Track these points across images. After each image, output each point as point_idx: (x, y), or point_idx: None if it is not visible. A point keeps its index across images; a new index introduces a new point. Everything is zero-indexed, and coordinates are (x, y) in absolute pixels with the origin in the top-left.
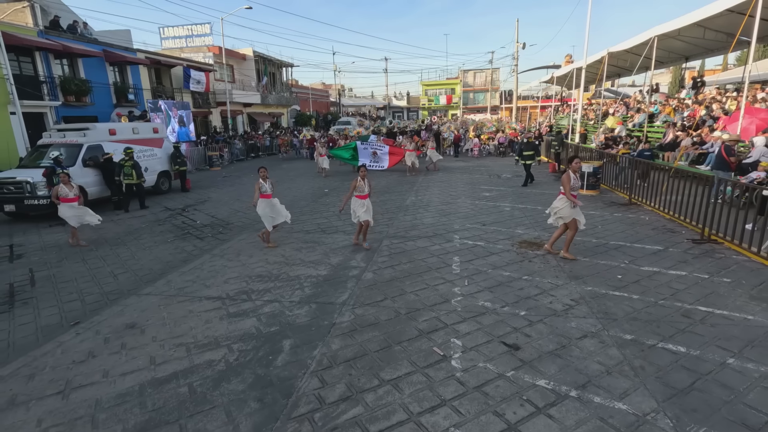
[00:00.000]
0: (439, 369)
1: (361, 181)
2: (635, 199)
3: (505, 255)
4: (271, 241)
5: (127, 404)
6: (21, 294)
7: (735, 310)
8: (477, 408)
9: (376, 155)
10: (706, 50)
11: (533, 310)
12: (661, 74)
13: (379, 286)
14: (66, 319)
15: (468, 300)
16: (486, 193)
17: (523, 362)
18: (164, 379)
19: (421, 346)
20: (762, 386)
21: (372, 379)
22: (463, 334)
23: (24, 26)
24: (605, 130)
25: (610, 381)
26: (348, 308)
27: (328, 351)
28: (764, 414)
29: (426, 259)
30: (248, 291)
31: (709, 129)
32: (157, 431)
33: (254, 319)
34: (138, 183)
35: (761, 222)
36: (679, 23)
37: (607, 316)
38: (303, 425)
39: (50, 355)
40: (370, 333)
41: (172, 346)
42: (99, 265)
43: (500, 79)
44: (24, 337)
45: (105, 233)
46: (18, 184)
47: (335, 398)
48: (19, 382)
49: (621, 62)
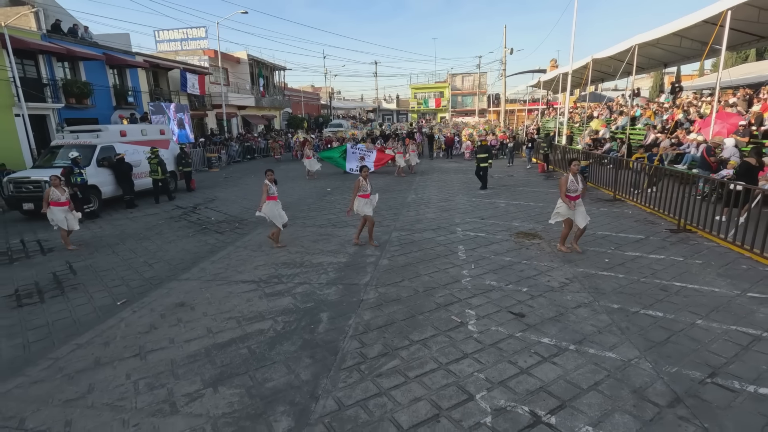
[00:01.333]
0: (459, 332)
1: (363, 181)
2: (619, 195)
3: (505, 244)
4: (281, 241)
5: (198, 362)
6: (66, 281)
7: (704, 284)
8: (494, 359)
9: (364, 160)
10: (683, 57)
11: (533, 287)
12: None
13: (396, 270)
14: (117, 300)
15: (476, 280)
16: (481, 191)
17: (528, 326)
18: (224, 344)
19: (440, 316)
20: (723, 339)
21: (403, 340)
22: (475, 306)
23: (28, 30)
24: (590, 132)
25: (602, 338)
26: (371, 288)
27: (361, 321)
28: (723, 357)
29: (434, 248)
30: (278, 275)
31: (685, 131)
32: (230, 381)
33: (290, 297)
34: (163, 178)
35: (729, 213)
36: (659, 33)
37: (597, 290)
38: (352, 374)
39: (116, 328)
40: (394, 306)
41: (222, 319)
42: (131, 257)
43: (488, 83)
44: (85, 315)
45: (126, 229)
46: (36, 183)
47: (375, 354)
48: (98, 349)
49: (605, 68)
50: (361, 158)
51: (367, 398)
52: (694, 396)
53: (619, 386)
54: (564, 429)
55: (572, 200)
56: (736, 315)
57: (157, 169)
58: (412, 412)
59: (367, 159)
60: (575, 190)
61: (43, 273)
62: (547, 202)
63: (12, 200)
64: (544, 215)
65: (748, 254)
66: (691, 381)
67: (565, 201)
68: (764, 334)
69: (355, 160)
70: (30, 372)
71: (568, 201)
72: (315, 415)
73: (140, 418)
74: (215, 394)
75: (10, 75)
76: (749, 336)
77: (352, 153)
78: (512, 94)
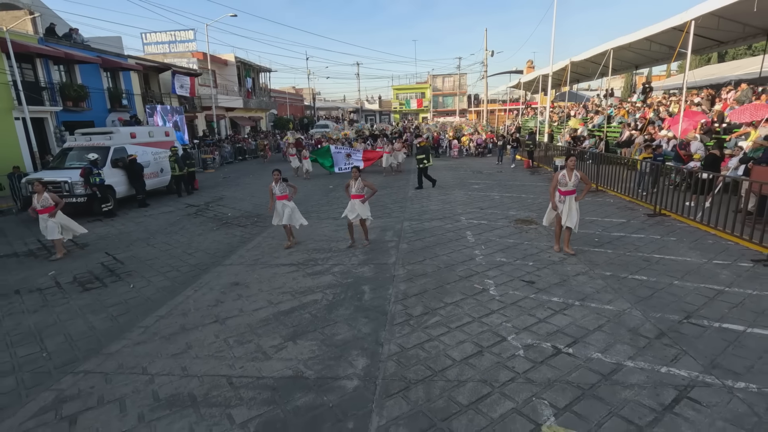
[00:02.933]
0: (483, 295)
1: (352, 181)
2: (601, 187)
3: (506, 229)
4: (290, 240)
5: (271, 325)
6: (117, 270)
7: (678, 255)
8: (516, 313)
9: (350, 157)
10: (652, 60)
11: (538, 262)
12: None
13: (416, 252)
14: (175, 283)
15: (488, 257)
16: (475, 185)
17: (539, 289)
18: (287, 311)
19: (464, 285)
20: (695, 293)
21: (438, 302)
22: (492, 276)
23: (26, 33)
24: (570, 130)
25: (599, 296)
26: (399, 266)
27: (399, 290)
28: (695, 305)
29: (444, 234)
30: (313, 259)
31: (657, 128)
32: (305, 336)
33: (330, 275)
34: (180, 174)
35: (696, 199)
36: (632, 38)
37: (591, 262)
38: (404, 327)
39: (186, 303)
40: (423, 279)
41: (278, 294)
42: (167, 248)
43: (467, 83)
44: (152, 294)
45: (148, 226)
46: (56, 183)
47: (418, 313)
48: (179, 318)
49: (582, 69)
50: (347, 156)
51: (422, 343)
52: (675, 331)
53: (618, 327)
54: (580, 356)
55: (562, 195)
56: (704, 276)
57: (174, 166)
58: (460, 350)
59: (354, 157)
60: (565, 184)
61: (90, 264)
62: (537, 194)
63: (30, 200)
64: (537, 205)
65: (713, 231)
66: (671, 321)
67: (552, 195)
68: (725, 289)
69: (342, 160)
70: (129, 337)
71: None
72: (384, 356)
73: (242, 363)
74: (296, 345)
75: (10, 79)
76: (714, 290)
77: (336, 153)
78: (492, 94)
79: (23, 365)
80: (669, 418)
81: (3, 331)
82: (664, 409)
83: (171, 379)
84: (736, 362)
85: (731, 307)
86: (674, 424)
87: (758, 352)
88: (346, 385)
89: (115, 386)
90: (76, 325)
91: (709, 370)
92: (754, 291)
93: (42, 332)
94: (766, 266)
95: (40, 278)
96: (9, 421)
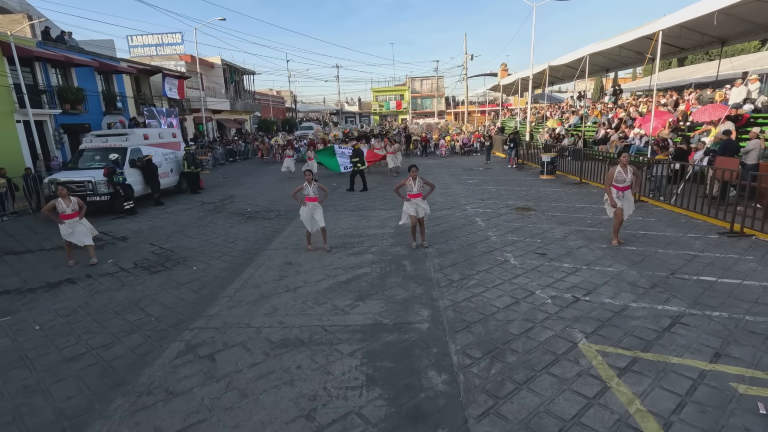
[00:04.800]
0: (506, 265)
1: (411, 181)
2: (585, 179)
3: (510, 215)
4: (311, 244)
5: (337, 291)
6: (171, 257)
7: (659, 231)
8: (537, 275)
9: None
10: (622, 64)
11: (544, 239)
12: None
13: (437, 234)
14: (233, 264)
15: (501, 237)
16: (470, 181)
17: (551, 259)
18: (345, 281)
19: (488, 257)
20: (676, 258)
21: (471, 270)
22: (509, 251)
23: (24, 37)
24: (548, 130)
25: (601, 262)
26: (428, 245)
27: (434, 263)
28: (677, 265)
29: (457, 221)
30: (349, 242)
31: (630, 127)
32: (369, 298)
33: (370, 254)
34: (189, 171)
35: (670, 186)
36: (608, 44)
37: (589, 239)
38: (450, 288)
39: (253, 279)
40: (452, 255)
41: (331, 269)
42: (207, 239)
43: (445, 85)
44: (219, 273)
45: (177, 220)
46: (80, 183)
47: (458, 278)
48: (254, 290)
49: (557, 73)
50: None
51: (468, 298)
52: (664, 283)
53: (620, 282)
54: (595, 301)
55: (620, 191)
56: (682, 246)
57: (184, 164)
58: (500, 301)
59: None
60: (623, 180)
61: (141, 253)
62: (529, 187)
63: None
64: (530, 195)
65: (685, 212)
66: (660, 277)
67: (609, 192)
68: (699, 254)
69: (346, 158)
70: (219, 304)
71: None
72: (441, 307)
73: (328, 317)
74: (366, 304)
75: (11, 81)
76: (690, 255)
77: (340, 152)
78: (470, 96)
79: (140, 326)
80: (668, 335)
81: (101, 304)
82: (664, 330)
83: (274, 329)
84: (712, 300)
85: (704, 266)
86: (672, 338)
87: (727, 293)
88: (419, 326)
89: (231, 336)
90: (165, 297)
91: (692, 306)
92: (721, 254)
93: (138, 304)
94: (729, 237)
95: (102, 265)
96: (159, 361)
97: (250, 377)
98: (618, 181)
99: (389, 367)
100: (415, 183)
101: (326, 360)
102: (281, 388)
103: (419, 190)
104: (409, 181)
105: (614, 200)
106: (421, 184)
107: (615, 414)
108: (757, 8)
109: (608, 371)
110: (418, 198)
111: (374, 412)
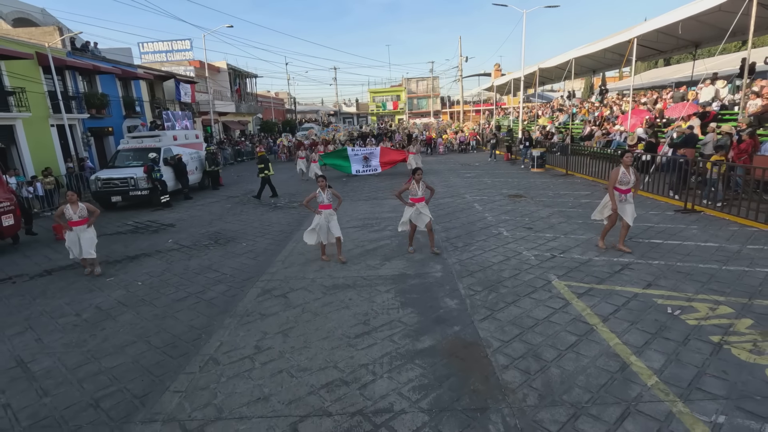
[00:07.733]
0: (499, 236)
1: (414, 184)
2: (570, 171)
3: (504, 201)
4: (326, 254)
5: (366, 256)
6: (220, 238)
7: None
8: (525, 243)
9: (368, 159)
10: (606, 65)
11: (531, 218)
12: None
13: (442, 216)
14: (275, 241)
15: (495, 217)
16: (467, 174)
17: (537, 231)
18: (372, 249)
19: (484, 231)
20: (635, 228)
21: (471, 240)
22: (502, 227)
23: (57, 48)
24: (540, 128)
25: (578, 232)
26: (434, 224)
27: (441, 236)
28: (635, 233)
29: (457, 206)
30: (368, 224)
31: (612, 124)
32: (394, 259)
33: (388, 231)
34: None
35: (643, 177)
36: (592, 48)
37: (569, 217)
38: (456, 251)
39: (297, 249)
40: (455, 231)
41: (358, 242)
42: (244, 224)
43: (440, 86)
44: (266, 247)
45: (211, 209)
46: (123, 179)
47: (461, 245)
48: (299, 257)
49: (547, 74)
50: (364, 158)
51: (471, 257)
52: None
53: (588, 245)
54: (567, 257)
55: (622, 194)
56: (642, 219)
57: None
58: (495, 259)
59: (372, 159)
60: (627, 182)
61: (194, 235)
62: (520, 178)
63: (99, 195)
64: (522, 186)
65: (651, 196)
66: (642, 244)
67: (611, 194)
68: (654, 225)
69: (359, 161)
70: (275, 265)
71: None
72: (450, 263)
73: (364, 272)
74: (391, 263)
75: (45, 89)
76: (647, 226)
77: (354, 155)
78: (465, 96)
79: (220, 280)
80: (617, 275)
81: (180, 269)
82: (615, 273)
83: (325, 279)
84: (655, 254)
85: (657, 233)
86: (620, 276)
87: (668, 250)
88: (435, 275)
89: (293, 284)
90: (230, 263)
91: (640, 258)
92: (672, 225)
93: (210, 267)
94: (683, 214)
95: (164, 244)
96: (245, 299)
97: (317, 306)
98: (622, 182)
99: (416, 298)
100: (419, 186)
101: (369, 295)
102: (341, 310)
103: (423, 194)
104: (413, 184)
105: (616, 204)
106: (424, 188)
107: (572, 315)
108: (721, 17)
109: (571, 295)
110: (421, 202)
111: (410, 319)
